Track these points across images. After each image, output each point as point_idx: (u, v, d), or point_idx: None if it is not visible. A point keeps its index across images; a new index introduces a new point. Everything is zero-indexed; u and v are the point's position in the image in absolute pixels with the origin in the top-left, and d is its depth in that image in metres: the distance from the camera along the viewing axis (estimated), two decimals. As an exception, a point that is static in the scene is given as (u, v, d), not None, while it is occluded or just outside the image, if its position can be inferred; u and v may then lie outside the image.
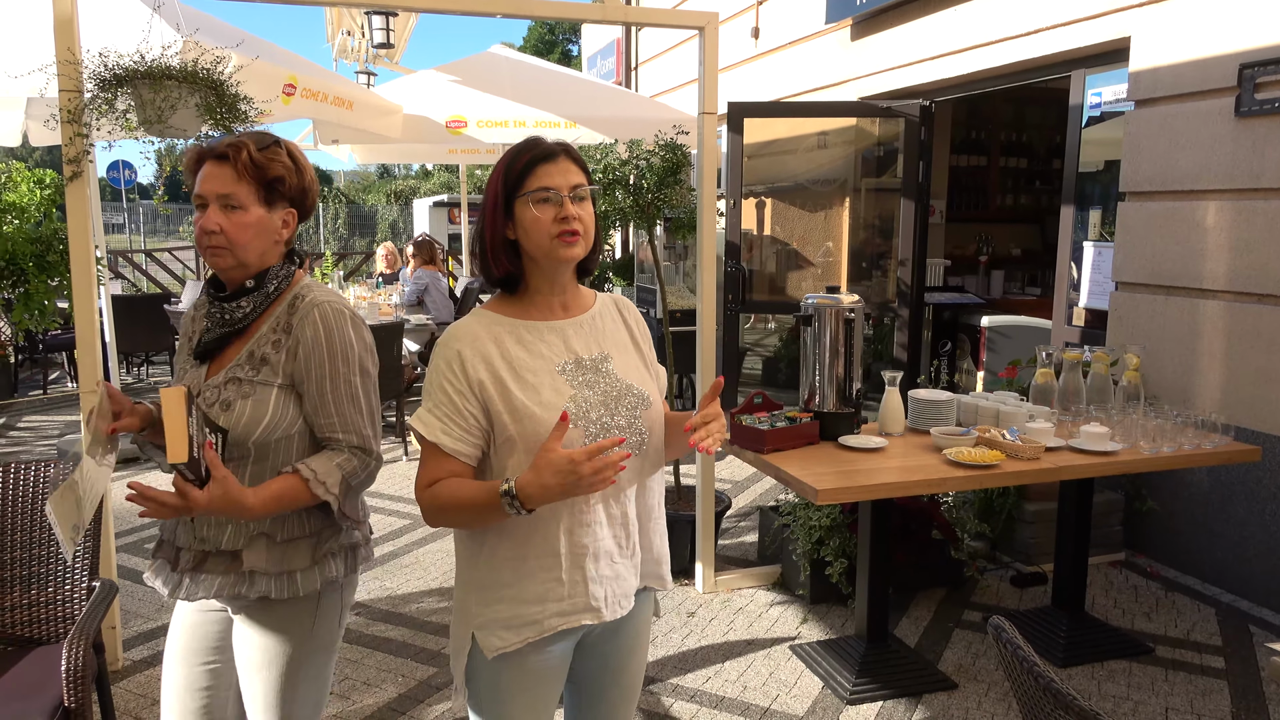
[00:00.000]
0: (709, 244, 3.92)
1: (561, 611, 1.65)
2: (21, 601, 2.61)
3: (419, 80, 7.68)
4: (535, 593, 1.64)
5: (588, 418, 1.64)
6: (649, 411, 1.71)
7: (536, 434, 1.59)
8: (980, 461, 2.97)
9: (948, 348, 6.66)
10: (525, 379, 1.63)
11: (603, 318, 1.77)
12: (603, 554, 1.67)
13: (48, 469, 2.69)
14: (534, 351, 1.66)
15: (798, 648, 3.54)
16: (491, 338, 1.66)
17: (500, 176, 1.66)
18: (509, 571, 1.65)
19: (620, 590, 1.70)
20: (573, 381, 1.66)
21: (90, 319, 3.27)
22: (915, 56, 5.99)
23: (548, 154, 1.64)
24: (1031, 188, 8.65)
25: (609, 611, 1.68)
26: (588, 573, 1.65)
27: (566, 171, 1.64)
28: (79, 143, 3.19)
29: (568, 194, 1.63)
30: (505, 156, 1.68)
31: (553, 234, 1.62)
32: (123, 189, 21.75)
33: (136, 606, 3.90)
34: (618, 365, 1.72)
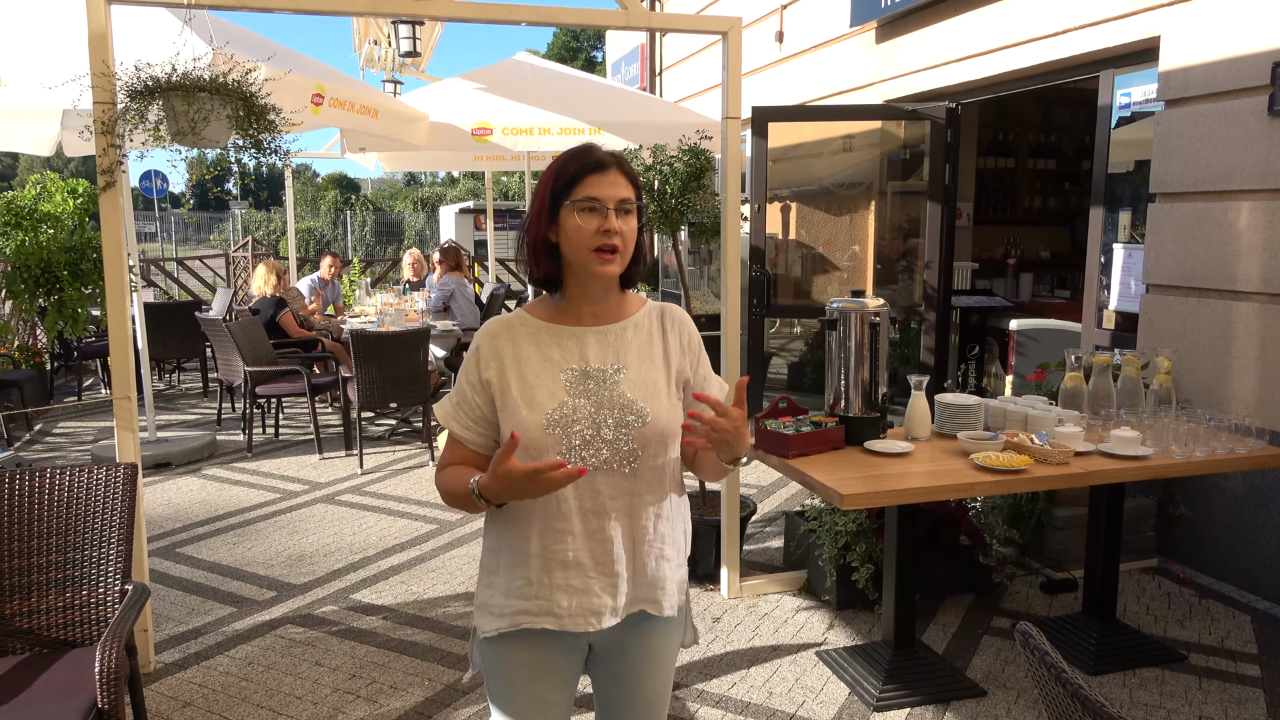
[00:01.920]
0: (733, 248, 3.92)
1: (526, 610, 1.70)
2: (56, 604, 2.65)
3: (445, 88, 7.75)
4: (508, 587, 1.72)
5: (568, 428, 1.65)
6: (644, 429, 1.68)
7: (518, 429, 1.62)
8: (1008, 466, 2.94)
9: (975, 351, 6.60)
10: (527, 379, 1.68)
11: (636, 329, 1.76)
12: (573, 565, 1.68)
13: (82, 474, 2.74)
14: (545, 355, 1.70)
15: (824, 653, 3.52)
16: (511, 337, 1.72)
17: (551, 179, 1.69)
18: (497, 561, 1.75)
19: (589, 605, 1.69)
20: (571, 389, 1.68)
21: (123, 326, 3.32)
22: (941, 58, 5.96)
23: (599, 164, 1.66)
24: (1060, 190, 8.57)
25: (571, 622, 1.69)
26: (554, 579, 1.68)
27: (615, 184, 1.66)
28: (112, 154, 3.24)
29: (613, 207, 1.64)
30: (559, 159, 1.70)
31: (591, 246, 1.64)
32: (155, 198, 22.09)
33: (168, 610, 3.96)
34: (629, 378, 1.71)
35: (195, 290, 13.26)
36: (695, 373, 1.82)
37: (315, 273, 9.23)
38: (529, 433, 1.64)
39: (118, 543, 2.70)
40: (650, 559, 1.74)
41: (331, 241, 31.56)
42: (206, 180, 3.90)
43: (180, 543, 4.77)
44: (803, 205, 6.86)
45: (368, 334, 6.09)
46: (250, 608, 3.98)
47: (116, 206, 3.31)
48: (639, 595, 1.75)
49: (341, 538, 4.84)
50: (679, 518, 1.81)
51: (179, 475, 5.99)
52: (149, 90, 3.43)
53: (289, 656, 3.53)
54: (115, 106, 3.26)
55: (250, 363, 6.51)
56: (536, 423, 1.65)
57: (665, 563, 1.76)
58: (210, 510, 5.29)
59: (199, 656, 3.54)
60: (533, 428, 1.64)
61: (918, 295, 6.08)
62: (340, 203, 36.90)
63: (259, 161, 3.88)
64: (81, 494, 2.71)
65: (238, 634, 3.73)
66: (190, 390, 9.09)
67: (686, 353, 1.81)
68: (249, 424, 6.59)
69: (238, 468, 6.18)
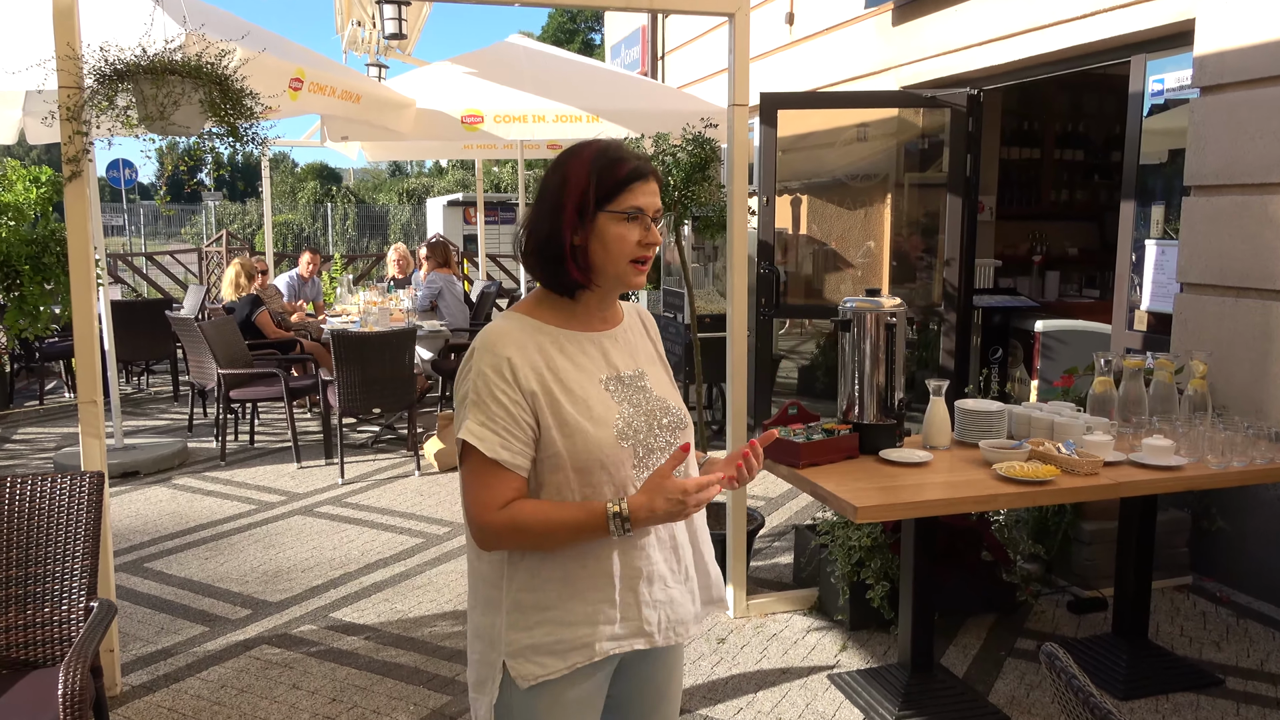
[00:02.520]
0: (740, 244, 3.92)
1: (614, 635, 1.67)
2: (17, 622, 2.65)
3: (433, 73, 7.76)
4: (584, 614, 1.65)
5: (636, 438, 1.68)
6: (686, 430, 1.76)
7: (587, 450, 1.62)
8: (1034, 477, 2.94)
9: (998, 354, 6.61)
10: (574, 391, 1.66)
11: (632, 331, 1.83)
12: (656, 578, 1.71)
13: (45, 484, 2.74)
14: (578, 364, 1.69)
15: (836, 677, 3.52)
16: (536, 346, 1.67)
17: (590, 180, 1.65)
18: (553, 593, 1.65)
19: (674, 616, 1.74)
20: (616, 397, 1.70)
21: (89, 325, 3.32)
22: (962, 42, 5.97)
23: (644, 172, 1.69)
24: (1088, 182, 8.58)
25: (662, 637, 1.72)
26: (641, 596, 1.69)
27: (654, 193, 1.70)
28: (78, 141, 3.25)
29: (652, 216, 1.69)
30: (593, 158, 1.68)
31: (631, 256, 1.67)
32: (123, 189, 22.12)
33: (135, 629, 3.95)
34: (653, 381, 1.77)
35: (165, 287, 13.28)
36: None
37: (294, 269, 9.24)
38: (603, 448, 1.63)
39: (82, 557, 2.70)
40: (707, 557, 1.83)
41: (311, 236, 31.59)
42: (180, 170, 3.90)
43: (149, 557, 4.77)
44: (814, 198, 6.87)
45: (349, 334, 6.10)
46: (223, 627, 3.98)
47: (83, 197, 3.31)
48: (709, 596, 1.83)
49: (321, 552, 4.83)
50: None
51: (148, 485, 5.99)
52: (117, 74, 3.43)
53: (264, 679, 3.53)
54: (81, 91, 3.26)
55: (224, 365, 6.51)
56: (608, 437, 1.64)
57: (713, 559, 1.85)
58: (181, 522, 5.28)
59: (168, 679, 3.54)
60: (605, 443, 1.63)
61: (937, 294, 6.09)
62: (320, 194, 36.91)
63: (235, 150, 3.89)
64: (44, 505, 2.71)
65: (210, 655, 3.72)
66: (160, 394, 9.09)
67: (662, 352, 1.91)
68: (222, 430, 6.59)
69: (210, 477, 6.18)
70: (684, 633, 1.75)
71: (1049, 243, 8.23)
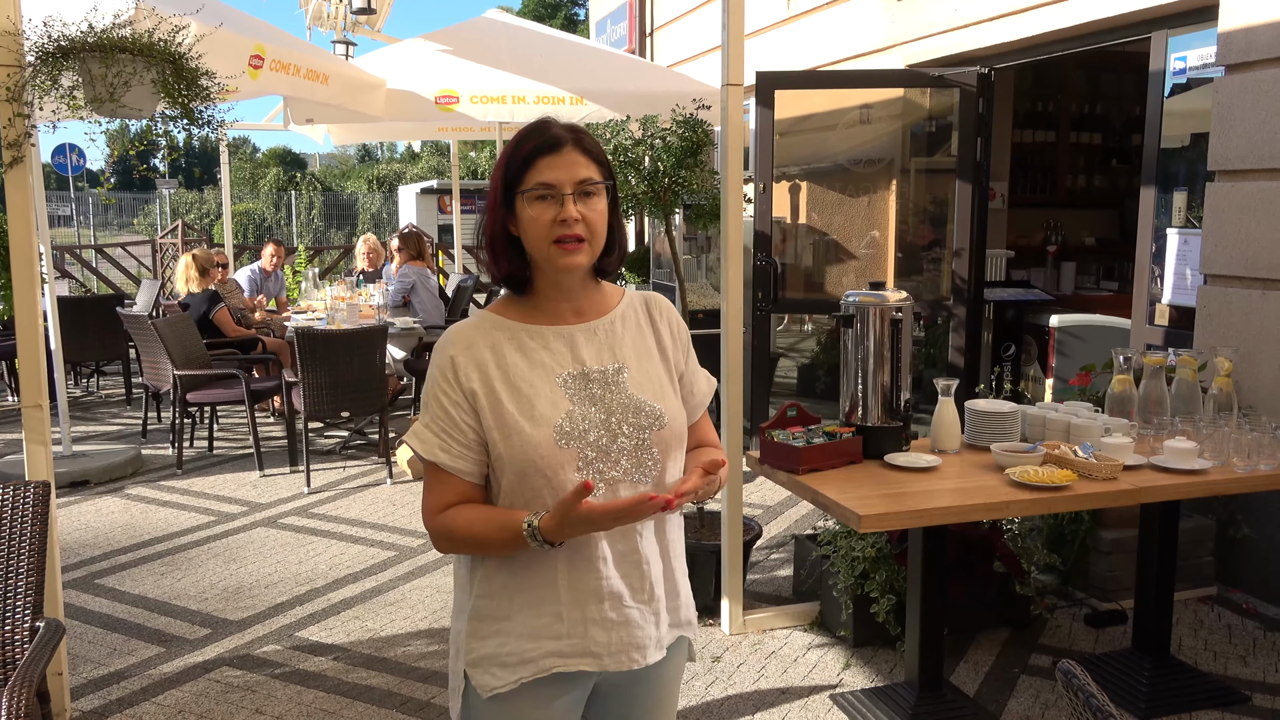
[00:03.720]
0: (735, 234, 3.93)
1: (559, 652, 1.67)
2: (-44, 644, 2.64)
3: (405, 50, 7.74)
4: (531, 628, 1.67)
5: (584, 439, 1.66)
6: (662, 432, 1.72)
7: (522, 451, 1.63)
8: (1049, 482, 2.95)
9: (1011, 351, 6.63)
10: (520, 390, 1.66)
11: (624, 322, 1.79)
12: (608, 595, 1.68)
13: (-14, 494, 2.72)
14: (534, 360, 1.69)
15: (839, 697, 3.53)
16: (489, 344, 1.69)
17: (502, 166, 1.69)
18: (505, 602, 1.69)
19: (631, 639, 1.70)
20: (574, 395, 1.68)
21: (33, 324, 3.31)
22: (972, 17, 5.99)
23: (552, 144, 1.65)
24: (1107, 167, 8.61)
25: (611, 660, 1.69)
26: (589, 613, 1.67)
27: (573, 165, 1.65)
28: (19, 124, 3.23)
29: (571, 191, 1.64)
30: (511, 141, 1.70)
31: (550, 238, 1.64)
32: (70, 176, 21.99)
33: (86, 650, 3.94)
34: (633, 378, 1.74)
35: (117, 282, 13.21)
36: (686, 366, 1.86)
37: (255, 262, 9.20)
38: (539, 449, 1.63)
39: (27, 573, 2.69)
40: (679, 575, 1.80)
41: (274, 226, 31.50)
42: (130, 156, 3.88)
43: (100, 573, 4.75)
44: (814, 185, 6.88)
45: (315, 332, 6.08)
46: (180, 647, 3.96)
47: (25, 186, 3.30)
48: (676, 619, 1.80)
49: (285, 567, 4.82)
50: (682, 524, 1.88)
51: (98, 495, 5.96)
52: (62, 51, 3.41)
53: (225, 704, 3.52)
54: (23, 70, 3.24)
55: (180, 366, 6.48)
56: (545, 438, 1.63)
57: (685, 577, 1.84)
58: (134, 535, 5.26)
59: (122, 703, 3.52)
60: (542, 444, 1.63)
61: (945, 287, 6.11)
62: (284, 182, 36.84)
63: (190, 134, 3.87)
64: (-15, 517, 2.70)
65: (166, 677, 3.71)
66: (111, 397, 9.05)
67: (677, 343, 1.85)
68: (179, 436, 6.56)
69: (166, 486, 6.15)
70: (640, 658, 1.72)
71: (1065, 232, 8.26)
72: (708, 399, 1.90)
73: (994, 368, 5.99)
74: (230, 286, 8.30)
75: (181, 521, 5.48)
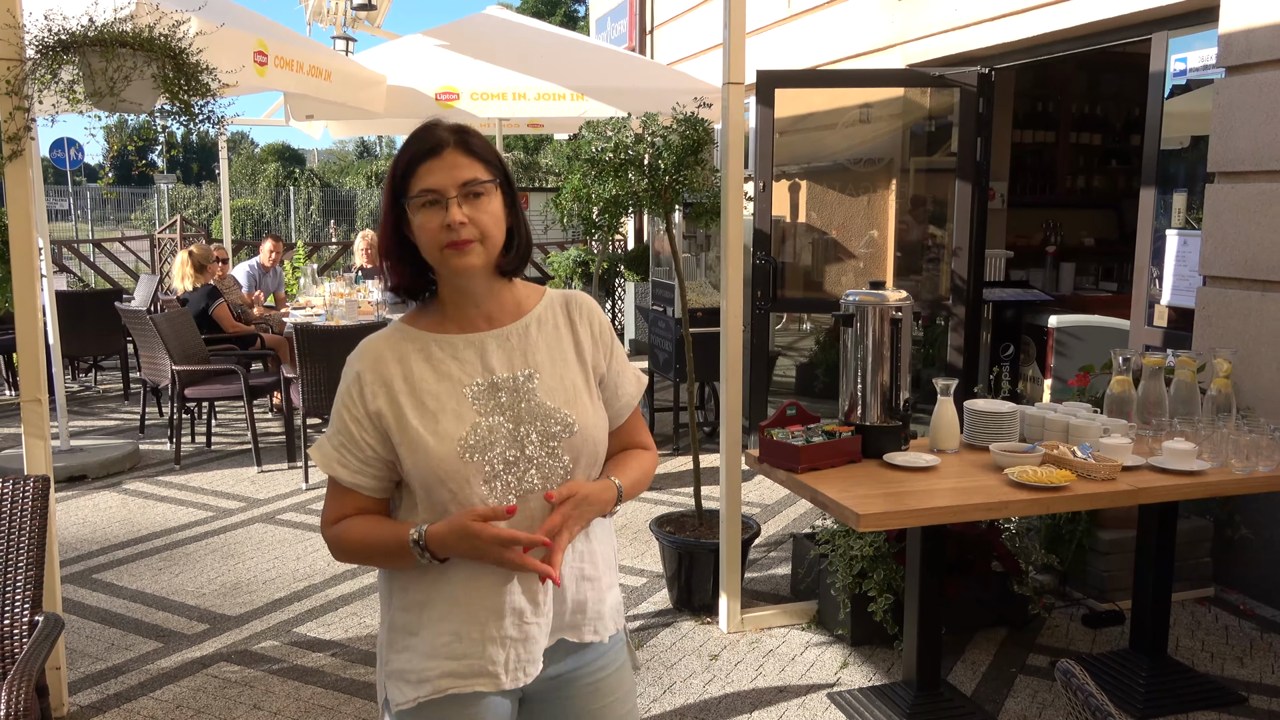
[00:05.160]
0: (735, 233, 3.93)
1: (454, 672, 1.65)
2: (-45, 638, 2.64)
3: (405, 47, 7.74)
4: (431, 646, 1.66)
5: (490, 451, 1.63)
6: (572, 440, 1.69)
7: (427, 465, 1.62)
8: (1047, 482, 2.96)
9: (1009, 352, 6.64)
10: (425, 405, 1.65)
11: (539, 325, 1.75)
12: (509, 612, 1.65)
13: (-15, 488, 2.72)
14: (441, 372, 1.68)
15: (837, 695, 3.54)
16: (397, 357, 1.68)
17: (389, 174, 1.68)
18: (415, 617, 1.68)
19: (529, 655, 1.68)
20: (481, 407, 1.66)
21: (32, 318, 3.30)
22: (972, 17, 5.99)
23: (431, 148, 1.63)
24: (1106, 168, 8.62)
25: (509, 679, 1.67)
26: (488, 631, 1.65)
27: (454, 167, 1.62)
28: (19, 118, 3.23)
29: (456, 194, 1.61)
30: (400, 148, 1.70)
31: (441, 244, 1.62)
32: (68, 170, 21.97)
33: (84, 645, 3.94)
34: (544, 384, 1.70)
35: (115, 277, 13.20)
36: (609, 368, 1.81)
37: (254, 258, 9.20)
38: (443, 465, 1.61)
39: (26, 567, 2.69)
40: (570, 581, 1.73)
41: (273, 222, 31.46)
42: (129, 151, 3.88)
43: (98, 568, 4.75)
44: (814, 184, 6.88)
45: (314, 328, 6.08)
46: (178, 643, 3.97)
47: (25, 180, 3.30)
48: (556, 624, 1.73)
49: (283, 563, 4.82)
50: (605, 533, 1.82)
51: (96, 490, 5.96)
52: (62, 45, 3.42)
53: (223, 699, 3.52)
54: (23, 63, 3.24)
55: (179, 361, 6.48)
56: (449, 453, 1.62)
57: (586, 583, 1.76)
58: (132, 531, 5.26)
59: (119, 698, 3.53)
60: (447, 459, 1.62)
61: (944, 287, 6.11)
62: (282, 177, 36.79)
63: (189, 130, 3.87)
64: (-16, 511, 2.70)
65: (164, 673, 3.71)
66: (109, 392, 9.04)
67: (599, 345, 1.80)
68: (177, 431, 6.56)
69: (164, 482, 6.15)
70: (533, 672, 1.69)
71: (1064, 232, 8.27)
72: (635, 399, 1.85)
73: (993, 368, 5.99)
74: (229, 282, 8.29)
75: (179, 517, 5.48)
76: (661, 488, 6.01)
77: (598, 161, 4.38)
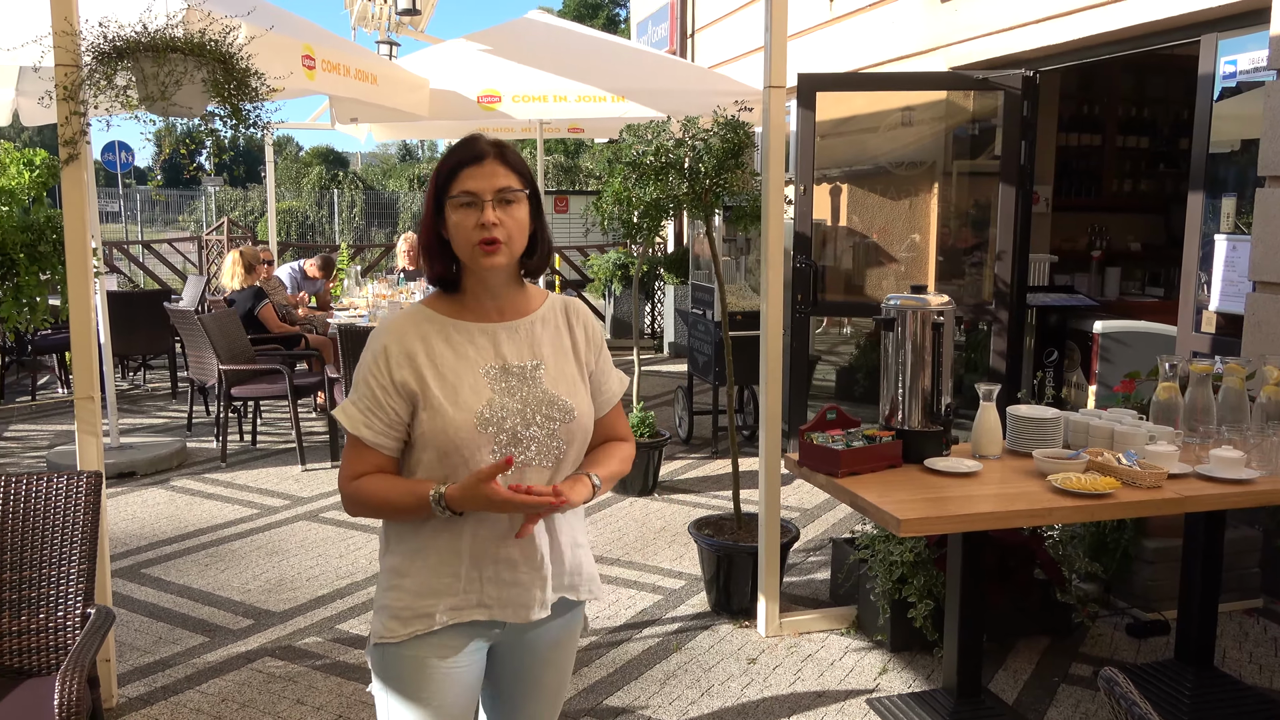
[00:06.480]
0: (775, 236, 3.93)
1: (454, 607, 1.89)
2: (11, 628, 2.70)
3: (447, 51, 7.80)
4: (431, 587, 1.89)
5: (500, 425, 1.86)
6: (570, 425, 1.93)
7: (445, 431, 1.83)
8: (1091, 490, 2.93)
9: (1053, 357, 6.57)
10: (446, 377, 1.86)
11: (544, 324, 1.98)
12: (503, 561, 1.90)
13: (40, 483, 2.79)
14: (460, 353, 1.89)
15: (876, 701, 3.52)
16: (419, 335, 1.89)
17: (434, 177, 1.90)
18: (407, 561, 1.91)
19: (519, 598, 1.92)
20: (495, 386, 1.88)
21: (86, 318, 3.38)
22: (1016, 19, 5.94)
23: (475, 157, 1.86)
24: (1154, 171, 8.49)
25: (500, 611, 1.91)
26: (484, 573, 1.90)
27: (493, 175, 1.85)
28: (76, 122, 3.30)
29: (491, 199, 1.83)
30: (443, 155, 1.93)
31: (473, 241, 1.84)
32: (119, 173, 22.37)
33: (133, 638, 4.01)
34: (549, 374, 1.94)
35: (164, 277, 13.42)
36: (598, 366, 2.05)
37: (297, 260, 9.32)
38: (460, 432, 1.83)
39: (79, 561, 2.75)
40: (566, 548, 1.99)
41: (316, 223, 31.83)
42: (181, 154, 3.96)
43: (146, 563, 4.84)
44: (855, 187, 6.85)
45: (357, 329, 6.15)
46: (224, 638, 4.03)
47: (80, 182, 3.37)
48: (560, 583, 1.99)
49: (327, 560, 4.88)
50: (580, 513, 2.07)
51: (144, 487, 6.07)
52: (117, 51, 3.48)
53: (267, 693, 3.57)
54: (79, 69, 3.31)
55: (225, 360, 6.58)
56: (467, 422, 1.84)
57: (579, 549, 2.03)
58: (179, 527, 5.35)
59: (166, 691, 3.59)
60: (464, 427, 1.83)
61: (987, 292, 6.06)
62: (326, 180, 37.21)
63: (236, 133, 3.93)
64: (39, 505, 2.77)
65: (210, 666, 3.78)
66: (157, 391, 9.20)
67: (591, 345, 2.04)
68: (223, 430, 6.67)
69: (210, 479, 6.25)
70: (525, 614, 1.92)
71: (1110, 237, 8.16)
72: (617, 396, 2.09)
73: (1036, 373, 5.93)
74: (274, 283, 8.41)
75: (225, 514, 5.57)
76: (700, 490, 6.01)
77: (638, 165, 4.39)
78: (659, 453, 5.99)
